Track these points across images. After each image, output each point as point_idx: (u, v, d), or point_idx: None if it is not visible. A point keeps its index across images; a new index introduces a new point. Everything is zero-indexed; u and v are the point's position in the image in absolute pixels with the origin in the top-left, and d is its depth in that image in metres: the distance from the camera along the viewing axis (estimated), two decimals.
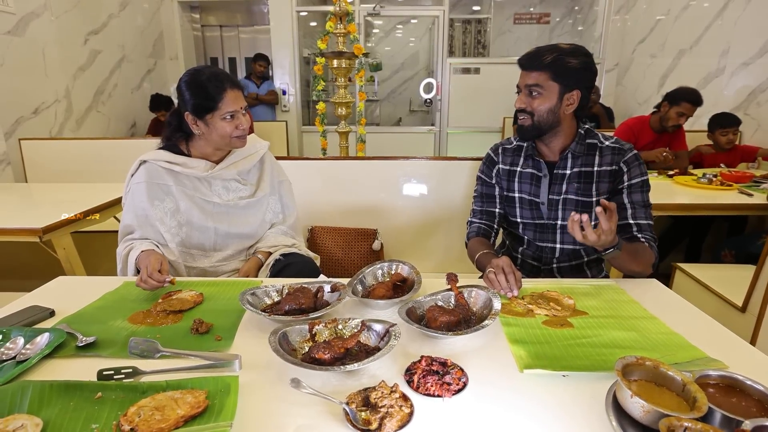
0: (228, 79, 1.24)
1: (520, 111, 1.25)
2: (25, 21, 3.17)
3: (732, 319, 1.64)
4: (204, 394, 0.68)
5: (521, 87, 1.24)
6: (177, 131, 1.32)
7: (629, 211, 1.23)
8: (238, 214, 1.38)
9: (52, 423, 0.64)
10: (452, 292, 1.01)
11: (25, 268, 2.30)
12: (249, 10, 5.93)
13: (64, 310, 1.00)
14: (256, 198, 1.40)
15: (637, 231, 1.22)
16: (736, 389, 0.67)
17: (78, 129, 3.76)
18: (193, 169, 1.30)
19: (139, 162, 1.31)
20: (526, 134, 1.27)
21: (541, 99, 1.20)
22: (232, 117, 1.24)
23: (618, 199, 1.24)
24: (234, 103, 1.24)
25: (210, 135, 1.27)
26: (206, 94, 1.22)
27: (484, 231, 1.40)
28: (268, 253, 1.42)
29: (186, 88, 1.24)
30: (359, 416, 0.65)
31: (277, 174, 1.50)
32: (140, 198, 1.28)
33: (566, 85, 1.19)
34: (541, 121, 1.22)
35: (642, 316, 0.97)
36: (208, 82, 1.22)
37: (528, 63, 1.21)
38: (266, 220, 1.45)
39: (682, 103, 2.61)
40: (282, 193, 1.50)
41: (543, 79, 1.19)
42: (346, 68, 3.03)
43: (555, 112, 1.21)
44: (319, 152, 3.52)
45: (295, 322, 0.89)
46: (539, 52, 1.19)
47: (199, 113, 1.24)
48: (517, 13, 6.26)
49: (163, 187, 1.30)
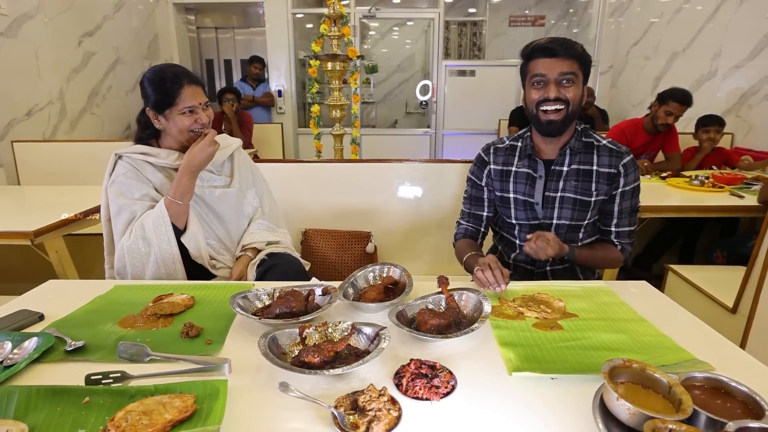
0: (186, 75, 1.28)
1: (554, 101, 1.17)
2: (18, 22, 3.16)
3: (723, 320, 1.65)
4: (192, 398, 0.68)
5: (550, 76, 1.17)
6: (146, 128, 1.35)
7: (614, 220, 1.29)
8: (213, 203, 1.39)
9: (38, 428, 0.63)
10: (443, 294, 1.02)
11: (16, 272, 2.28)
12: (245, 12, 5.92)
13: (54, 314, 0.99)
14: (233, 188, 1.42)
15: (614, 237, 1.30)
16: (721, 391, 0.68)
17: (72, 131, 3.75)
18: (165, 160, 1.32)
19: (116, 156, 1.33)
20: (560, 127, 1.20)
21: (575, 88, 1.17)
22: (191, 112, 1.27)
23: (608, 207, 1.28)
24: (192, 98, 1.26)
25: (171, 130, 1.30)
26: (165, 89, 1.25)
27: (471, 233, 1.41)
28: (256, 250, 1.45)
29: (147, 85, 1.27)
30: (347, 420, 0.65)
31: (252, 168, 1.54)
32: (132, 183, 1.29)
33: (586, 76, 1.20)
34: (574, 111, 1.19)
35: (631, 319, 0.98)
36: (167, 79, 1.25)
37: (563, 50, 1.15)
38: (246, 214, 1.48)
39: (670, 102, 2.64)
40: (258, 187, 1.54)
41: (576, 67, 1.17)
42: (340, 71, 3.03)
43: (581, 104, 1.21)
44: (314, 154, 3.52)
45: (286, 325, 0.89)
46: (567, 41, 1.16)
47: (159, 108, 1.27)
48: (512, 16, 6.29)
49: (143, 175, 1.32)
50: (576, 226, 1.30)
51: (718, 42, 3.47)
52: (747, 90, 3.25)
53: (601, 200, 1.27)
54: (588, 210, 1.27)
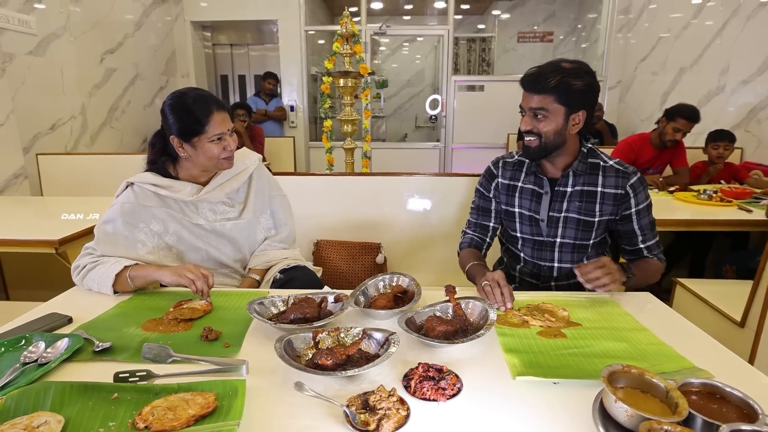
0: (214, 102, 1.24)
1: (527, 132, 1.24)
2: (45, 41, 3.31)
3: (731, 334, 1.65)
4: (213, 396, 0.73)
5: (525, 108, 1.23)
6: (162, 154, 1.30)
7: (639, 237, 1.30)
8: (224, 236, 1.37)
9: (73, 420, 0.68)
10: (450, 303, 1.05)
11: (39, 279, 2.36)
12: (259, 29, 6.10)
13: (81, 318, 1.05)
14: (243, 220, 1.39)
15: (647, 252, 1.31)
16: (717, 396, 0.71)
17: (92, 144, 3.88)
18: (179, 193, 1.28)
19: (126, 184, 1.30)
20: (533, 155, 1.26)
21: (547, 121, 1.19)
22: (219, 139, 1.23)
23: (628, 226, 1.30)
24: (221, 125, 1.23)
25: (197, 158, 1.26)
26: (193, 117, 1.21)
27: (477, 243, 1.44)
28: (263, 271, 1.41)
29: (171, 112, 1.23)
30: (358, 418, 0.69)
31: (269, 189, 1.47)
32: (120, 219, 1.25)
33: (571, 107, 1.19)
34: (548, 143, 1.22)
35: (634, 328, 1.01)
36: (194, 105, 1.21)
37: (531, 86, 1.19)
38: (257, 239, 1.44)
39: (678, 118, 2.66)
40: (274, 209, 1.48)
41: (548, 102, 1.18)
42: (352, 87, 3.11)
43: (561, 133, 1.21)
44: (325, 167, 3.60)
45: (300, 330, 0.93)
46: (543, 74, 1.17)
47: (186, 136, 1.22)
48: (521, 32, 6.38)
49: (150, 209, 1.28)
50: (582, 246, 1.32)
51: (726, 57, 3.50)
52: (756, 105, 3.26)
53: (606, 220, 1.29)
54: (592, 230, 1.30)
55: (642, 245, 1.31)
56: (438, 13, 6.73)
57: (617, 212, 1.29)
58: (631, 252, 1.34)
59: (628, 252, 1.35)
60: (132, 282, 1.18)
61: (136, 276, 1.18)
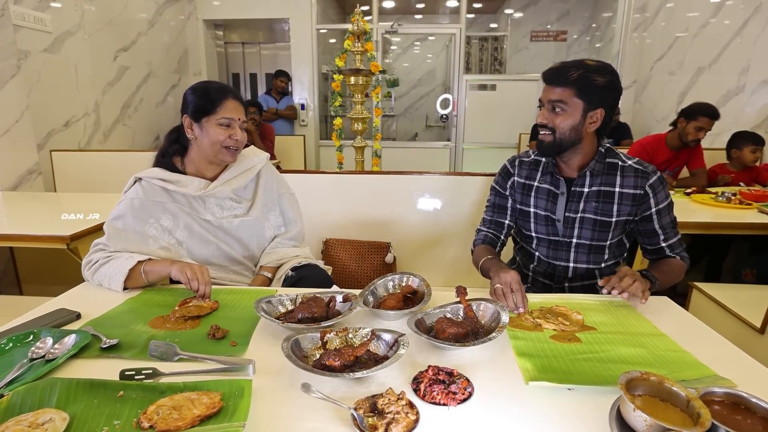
0: (231, 91, 1.29)
1: (542, 126, 1.23)
2: (60, 39, 3.34)
3: (751, 340, 1.60)
4: (219, 396, 0.71)
5: (544, 102, 1.22)
6: (174, 143, 1.34)
7: (661, 237, 1.28)
8: (231, 233, 1.37)
9: (78, 418, 0.68)
10: (461, 304, 1.03)
11: (50, 274, 2.39)
12: (270, 27, 6.13)
13: (89, 314, 1.05)
14: (251, 217, 1.38)
15: (669, 252, 1.29)
16: (741, 407, 0.68)
17: (105, 141, 3.92)
18: (187, 188, 1.29)
19: (134, 179, 1.30)
20: (546, 150, 1.25)
21: (565, 116, 1.19)
22: (228, 125, 1.26)
23: (649, 226, 1.28)
24: (232, 111, 1.26)
25: (202, 141, 1.27)
26: (208, 98, 1.26)
27: (491, 240, 1.41)
28: (275, 269, 1.41)
29: (191, 92, 1.29)
30: (366, 421, 0.67)
31: (277, 187, 1.47)
32: (130, 215, 1.26)
33: (590, 103, 1.18)
34: (563, 138, 1.21)
35: (651, 333, 0.97)
36: (212, 89, 1.28)
37: (552, 78, 1.19)
38: (266, 237, 1.45)
39: (700, 117, 2.60)
40: (283, 207, 1.48)
41: (567, 95, 1.17)
42: (363, 85, 3.10)
43: (578, 130, 1.20)
44: (335, 166, 3.59)
45: (308, 330, 0.92)
46: (565, 68, 1.18)
47: (197, 115, 1.26)
48: (533, 31, 6.32)
49: (159, 204, 1.28)
50: (599, 247, 1.30)
51: (746, 57, 3.42)
52: None
53: (624, 221, 1.27)
54: (609, 230, 1.27)
55: (664, 244, 1.28)
56: (450, 12, 6.70)
57: (636, 213, 1.26)
58: (653, 251, 1.31)
59: (649, 252, 1.32)
60: (146, 276, 1.18)
61: (150, 270, 1.18)
